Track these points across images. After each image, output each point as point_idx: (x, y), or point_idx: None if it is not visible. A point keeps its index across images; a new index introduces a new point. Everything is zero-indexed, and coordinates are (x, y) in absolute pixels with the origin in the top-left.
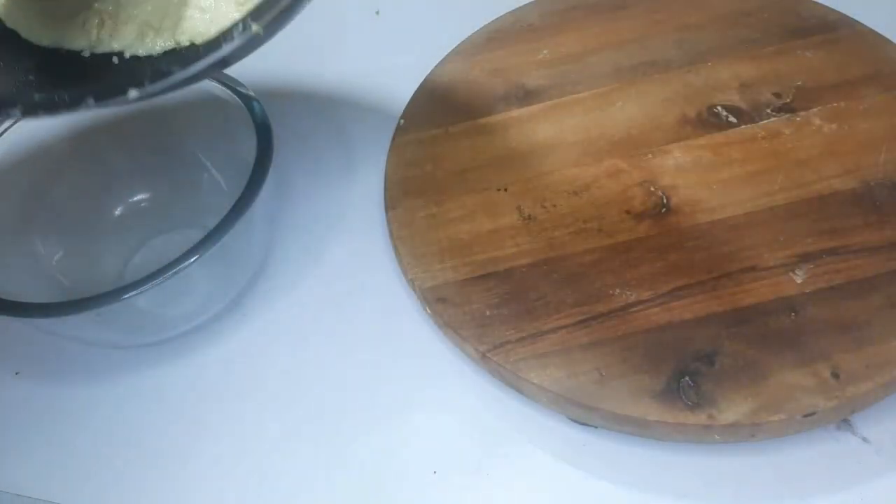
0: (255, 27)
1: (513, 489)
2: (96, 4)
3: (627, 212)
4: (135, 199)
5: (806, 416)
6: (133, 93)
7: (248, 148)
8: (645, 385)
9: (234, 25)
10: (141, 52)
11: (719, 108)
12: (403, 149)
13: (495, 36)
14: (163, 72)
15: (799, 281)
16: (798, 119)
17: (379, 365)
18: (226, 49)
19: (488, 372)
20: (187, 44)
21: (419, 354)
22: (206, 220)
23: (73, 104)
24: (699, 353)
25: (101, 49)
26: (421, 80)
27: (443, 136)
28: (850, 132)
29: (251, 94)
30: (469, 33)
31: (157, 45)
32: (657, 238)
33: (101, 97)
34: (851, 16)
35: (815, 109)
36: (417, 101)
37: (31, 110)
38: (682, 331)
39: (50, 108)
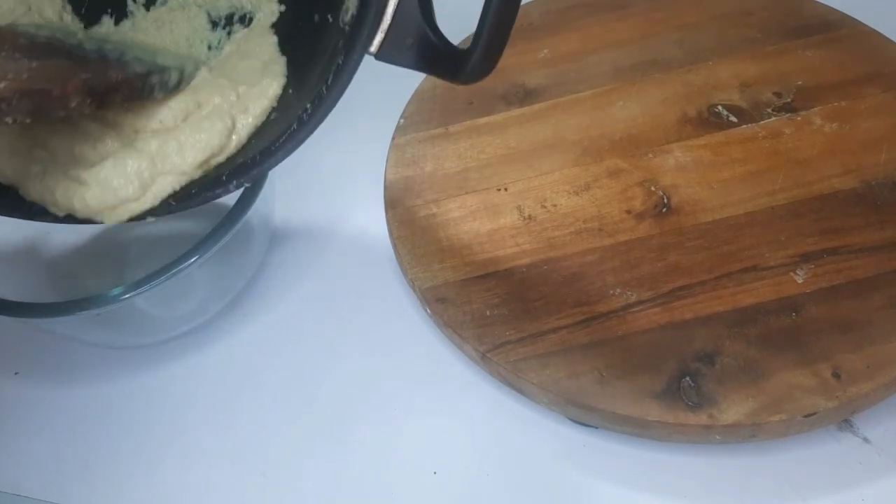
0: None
1: (513, 489)
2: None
3: (628, 211)
4: None
5: (807, 416)
6: (150, 219)
7: None
8: (645, 385)
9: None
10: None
11: (720, 107)
12: (403, 149)
13: None
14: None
15: (800, 281)
16: (799, 118)
17: (379, 365)
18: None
19: (488, 372)
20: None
21: (419, 354)
22: (205, 220)
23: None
24: (700, 354)
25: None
26: (421, 79)
27: (443, 136)
28: (851, 132)
29: None
30: (469, 32)
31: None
32: (658, 238)
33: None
34: (852, 15)
35: (815, 109)
36: (417, 101)
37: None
38: (683, 331)
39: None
